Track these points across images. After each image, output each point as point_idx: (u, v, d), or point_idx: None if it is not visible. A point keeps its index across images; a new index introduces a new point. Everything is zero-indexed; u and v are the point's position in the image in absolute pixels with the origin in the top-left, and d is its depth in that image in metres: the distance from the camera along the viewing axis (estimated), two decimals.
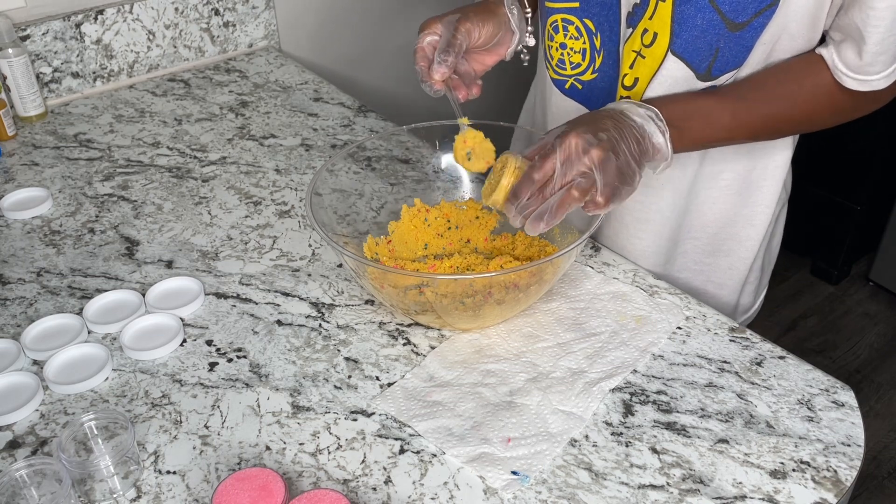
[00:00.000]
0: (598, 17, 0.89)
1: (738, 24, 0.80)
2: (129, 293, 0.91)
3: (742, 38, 0.81)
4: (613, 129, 0.76)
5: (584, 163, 0.73)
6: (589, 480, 0.70)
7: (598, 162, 0.73)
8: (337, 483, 0.70)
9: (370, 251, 0.93)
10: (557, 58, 0.96)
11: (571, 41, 0.93)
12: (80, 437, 0.72)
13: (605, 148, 0.73)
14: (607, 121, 0.77)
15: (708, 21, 0.80)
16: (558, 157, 0.73)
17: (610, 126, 0.76)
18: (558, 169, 0.73)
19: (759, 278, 1.08)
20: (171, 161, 1.20)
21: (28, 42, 1.29)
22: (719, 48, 0.82)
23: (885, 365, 2.17)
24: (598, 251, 0.99)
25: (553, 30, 0.94)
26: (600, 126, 0.76)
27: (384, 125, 1.30)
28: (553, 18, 0.93)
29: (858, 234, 2.35)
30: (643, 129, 0.79)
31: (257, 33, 1.55)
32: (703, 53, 0.83)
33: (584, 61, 0.93)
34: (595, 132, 0.74)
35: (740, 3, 0.79)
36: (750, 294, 1.08)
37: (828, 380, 0.80)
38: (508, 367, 0.82)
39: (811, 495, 0.68)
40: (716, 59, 0.83)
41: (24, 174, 1.17)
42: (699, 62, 0.84)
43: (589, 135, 0.74)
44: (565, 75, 0.97)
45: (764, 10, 0.79)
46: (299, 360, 0.83)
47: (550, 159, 0.73)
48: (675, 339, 0.85)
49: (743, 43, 0.82)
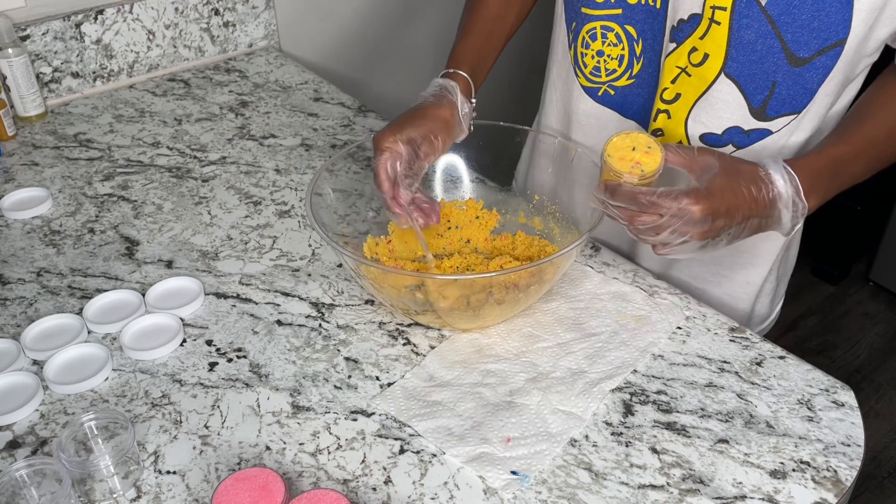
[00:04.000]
0: (641, 25, 0.87)
1: (799, 60, 0.77)
2: (129, 293, 0.91)
3: (803, 76, 0.78)
4: (741, 219, 0.73)
5: (679, 239, 0.72)
6: (589, 480, 0.70)
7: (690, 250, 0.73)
8: (337, 483, 0.70)
9: (370, 251, 0.93)
10: (592, 66, 0.94)
11: (609, 48, 0.91)
12: (80, 437, 0.72)
13: (707, 238, 0.72)
14: (745, 209, 0.73)
15: (767, 48, 0.78)
16: (670, 219, 0.71)
17: (739, 217, 0.73)
18: (661, 229, 0.72)
19: (775, 289, 1.07)
20: (171, 161, 1.20)
21: (28, 42, 1.29)
22: (776, 82, 0.80)
23: (885, 365, 2.17)
24: (598, 251, 0.99)
25: (590, 38, 0.92)
26: (731, 214, 0.72)
27: (384, 125, 1.29)
28: (591, 26, 0.91)
29: (858, 234, 2.35)
30: (779, 221, 0.76)
31: (257, 33, 1.55)
32: (758, 82, 0.81)
33: (619, 67, 0.92)
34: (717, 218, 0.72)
35: (804, 35, 0.76)
36: (766, 305, 1.07)
37: (828, 380, 0.80)
38: (508, 367, 0.82)
39: (811, 495, 0.68)
40: (772, 95, 0.81)
41: (24, 174, 1.17)
42: (753, 91, 0.82)
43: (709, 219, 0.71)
44: (599, 82, 0.95)
45: (828, 49, 0.76)
46: (299, 360, 0.83)
47: (663, 210, 0.71)
48: (675, 339, 0.85)
49: (803, 84, 0.79)
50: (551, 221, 0.96)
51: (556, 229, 0.95)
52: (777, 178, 0.75)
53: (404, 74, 1.86)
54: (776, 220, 0.76)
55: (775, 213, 0.76)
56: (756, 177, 0.75)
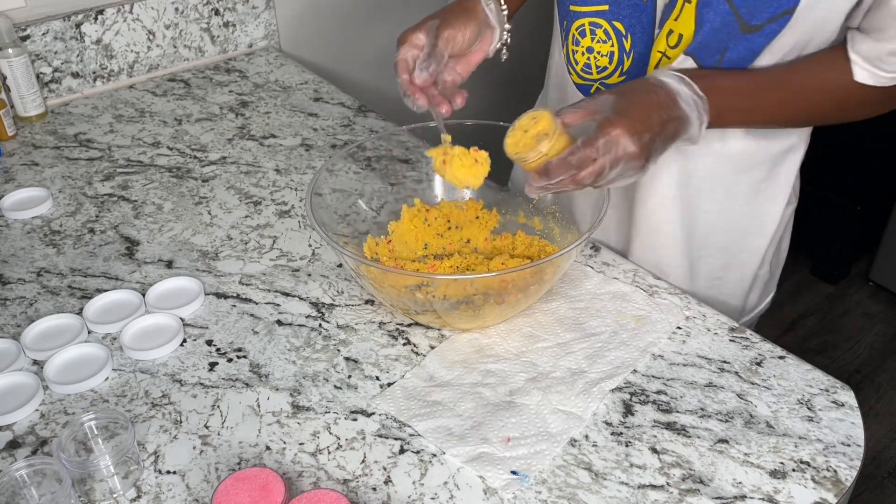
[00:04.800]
0: (629, 20, 0.88)
1: (751, 27, 0.80)
2: (129, 293, 0.91)
3: (752, 41, 0.81)
4: (658, 125, 0.75)
5: (621, 166, 0.73)
6: (589, 480, 0.70)
7: (634, 169, 0.74)
8: (337, 483, 0.70)
9: (370, 251, 0.93)
10: (583, 62, 0.95)
11: (599, 45, 0.92)
12: (80, 437, 0.72)
13: (644, 156, 0.74)
14: (655, 113, 0.75)
15: (724, 22, 0.80)
16: (604, 156, 0.72)
17: (656, 122, 0.75)
18: (603, 168, 0.73)
19: (766, 282, 1.08)
20: (171, 161, 1.20)
21: (28, 42, 1.29)
22: (727, 48, 0.82)
23: (885, 365, 2.17)
24: (598, 251, 0.99)
25: (579, 34, 0.93)
26: (648, 124, 0.74)
27: (384, 125, 1.30)
28: (580, 23, 0.92)
29: (858, 234, 2.35)
30: (687, 121, 0.78)
31: (257, 33, 1.55)
32: (710, 51, 0.83)
33: (610, 65, 0.92)
34: (642, 132, 0.73)
35: (756, 5, 0.78)
36: (756, 297, 1.08)
37: (828, 380, 0.80)
38: (508, 367, 0.82)
39: (811, 495, 0.68)
40: (722, 60, 0.83)
41: (24, 174, 1.17)
42: (706, 59, 0.83)
43: (636, 136, 0.73)
44: (591, 80, 0.95)
45: (778, 16, 0.78)
46: (299, 360, 0.83)
47: (594, 153, 0.72)
48: (675, 339, 0.85)
49: (751, 47, 0.81)
50: (551, 221, 0.96)
51: (556, 229, 0.95)
52: (668, 80, 0.78)
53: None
54: (684, 120, 0.77)
55: (681, 113, 0.77)
56: (649, 86, 0.77)
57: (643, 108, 0.75)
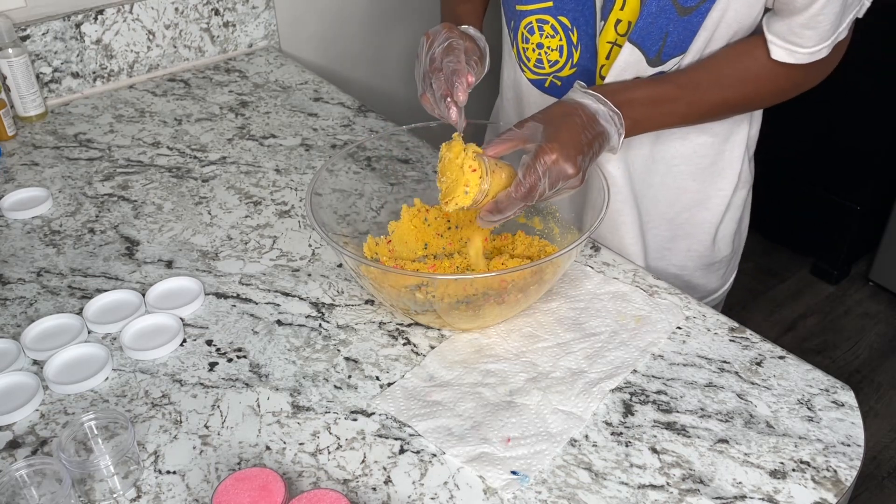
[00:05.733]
0: (573, 13, 0.91)
1: (686, 9, 0.83)
2: (129, 293, 0.91)
3: (689, 22, 0.85)
4: (586, 144, 0.79)
5: (559, 186, 0.78)
6: (589, 480, 0.70)
7: (570, 188, 0.79)
8: (337, 483, 0.70)
9: (370, 251, 0.93)
10: (535, 58, 0.98)
11: (548, 40, 0.95)
12: (80, 437, 0.72)
13: (580, 175, 0.78)
14: (581, 135, 0.80)
15: (660, 7, 0.84)
16: (545, 181, 0.76)
17: (584, 142, 0.79)
18: (544, 192, 0.77)
19: (727, 264, 1.13)
20: (171, 161, 1.20)
21: (28, 42, 1.29)
22: (668, 32, 0.85)
23: (885, 365, 2.17)
24: (598, 251, 0.99)
25: (528, 32, 0.96)
26: (579, 146, 0.79)
27: (384, 125, 1.30)
28: (527, 21, 0.95)
29: (858, 234, 2.35)
30: (608, 135, 0.83)
31: (257, 33, 1.55)
32: (654, 38, 0.86)
33: (561, 58, 0.95)
34: (575, 156, 0.78)
35: None
36: (717, 278, 1.13)
37: (828, 380, 0.80)
38: (508, 367, 0.82)
39: (811, 495, 0.68)
40: (665, 44, 0.86)
41: (24, 174, 1.17)
42: (650, 46, 0.87)
43: (570, 161, 0.77)
44: (544, 74, 0.98)
45: None
46: (299, 360, 0.83)
47: (537, 182, 0.76)
48: (675, 339, 0.85)
49: (689, 28, 0.85)
50: (551, 221, 0.96)
51: (556, 229, 0.95)
52: (586, 102, 0.83)
53: (404, 74, 1.86)
54: (606, 135, 0.83)
55: (602, 130, 0.82)
56: (570, 109, 0.82)
57: (571, 132, 0.79)
